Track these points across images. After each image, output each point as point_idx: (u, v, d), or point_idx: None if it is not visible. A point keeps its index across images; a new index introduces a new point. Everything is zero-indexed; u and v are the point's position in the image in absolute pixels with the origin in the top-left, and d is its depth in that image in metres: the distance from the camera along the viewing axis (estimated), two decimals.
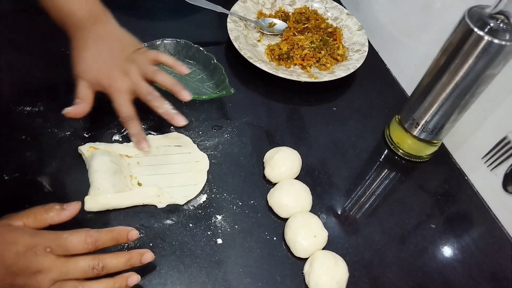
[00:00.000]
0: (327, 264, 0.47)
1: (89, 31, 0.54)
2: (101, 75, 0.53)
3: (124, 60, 0.55)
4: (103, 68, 0.54)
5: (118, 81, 0.53)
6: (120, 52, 0.55)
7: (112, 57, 0.54)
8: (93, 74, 0.53)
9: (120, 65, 0.54)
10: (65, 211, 0.42)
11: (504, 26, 0.47)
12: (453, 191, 0.62)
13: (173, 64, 0.58)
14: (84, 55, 0.54)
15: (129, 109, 0.54)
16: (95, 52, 0.54)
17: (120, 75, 0.54)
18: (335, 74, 0.71)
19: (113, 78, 0.53)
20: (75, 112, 0.52)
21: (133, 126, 0.54)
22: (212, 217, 0.52)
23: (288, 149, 0.58)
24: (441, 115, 0.57)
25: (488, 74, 0.51)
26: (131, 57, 0.55)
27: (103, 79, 0.53)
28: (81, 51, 0.54)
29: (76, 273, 0.39)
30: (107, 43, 0.55)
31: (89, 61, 0.53)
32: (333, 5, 0.84)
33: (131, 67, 0.54)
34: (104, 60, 0.54)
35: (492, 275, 0.54)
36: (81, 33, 0.54)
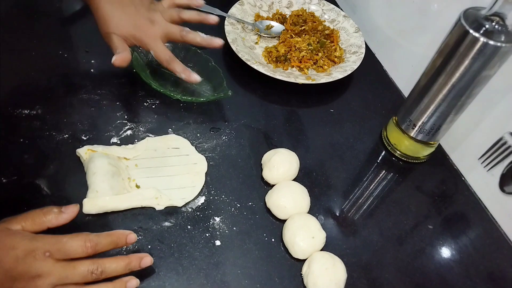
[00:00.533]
0: (325, 265, 0.48)
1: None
2: (131, 28, 0.58)
3: (147, 11, 0.60)
4: (131, 20, 0.58)
5: (149, 29, 0.59)
6: (140, 5, 0.60)
7: (136, 9, 0.59)
8: (124, 28, 0.58)
9: (145, 15, 0.59)
10: (63, 214, 0.42)
11: (499, 28, 0.48)
12: (450, 191, 0.62)
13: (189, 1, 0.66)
14: (110, 11, 0.57)
15: (168, 52, 0.60)
16: (119, 7, 0.58)
17: (149, 23, 0.59)
18: (332, 76, 0.71)
19: (144, 28, 0.59)
20: (121, 59, 0.56)
21: (177, 65, 0.60)
22: (210, 219, 0.52)
23: (286, 151, 0.59)
24: (437, 116, 0.57)
25: (484, 75, 0.51)
26: (151, 7, 0.61)
27: (135, 30, 0.58)
28: (107, 10, 0.57)
29: (75, 278, 0.39)
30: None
31: (116, 16, 0.57)
32: (330, 8, 0.84)
33: (156, 15, 0.60)
34: (130, 13, 0.58)
35: (489, 275, 0.54)
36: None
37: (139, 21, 0.59)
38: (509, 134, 0.56)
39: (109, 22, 0.57)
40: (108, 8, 0.57)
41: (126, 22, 0.58)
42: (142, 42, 0.60)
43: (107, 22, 0.57)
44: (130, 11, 0.58)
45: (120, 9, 0.58)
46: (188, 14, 0.64)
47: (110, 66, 0.58)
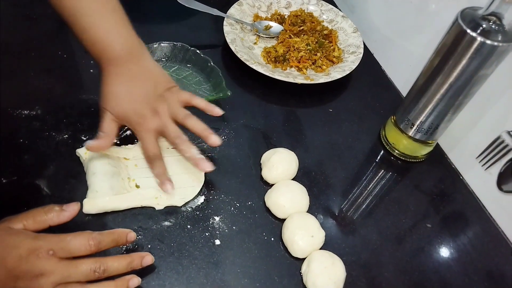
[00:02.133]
0: (324, 264, 0.48)
1: (124, 66, 0.52)
2: (130, 112, 0.51)
3: (155, 99, 0.52)
4: (134, 105, 0.51)
5: (147, 120, 0.51)
6: (152, 90, 0.53)
7: (144, 95, 0.52)
8: (123, 110, 0.51)
9: (151, 103, 0.52)
10: (64, 212, 0.42)
11: (496, 27, 0.48)
12: (448, 190, 0.63)
13: (206, 108, 0.55)
14: (116, 90, 0.51)
15: (156, 149, 0.52)
16: (127, 89, 0.52)
17: (150, 114, 0.52)
18: (331, 76, 0.72)
19: (143, 117, 0.51)
20: (98, 146, 0.51)
21: (158, 166, 0.52)
22: (210, 218, 0.53)
23: (285, 151, 0.59)
24: (435, 116, 0.58)
25: (481, 75, 0.51)
26: (163, 96, 0.53)
27: (132, 116, 0.51)
28: (113, 86, 0.51)
29: (78, 276, 0.39)
30: (140, 80, 0.53)
31: (120, 96, 0.51)
32: (329, 8, 0.84)
33: (162, 106, 0.52)
34: (135, 97, 0.52)
35: (487, 273, 0.54)
36: (115, 68, 0.51)
37: (141, 110, 0.51)
38: (506, 133, 0.56)
39: (108, 99, 0.51)
40: (114, 84, 0.51)
41: (126, 105, 0.51)
42: (134, 129, 0.53)
43: (107, 98, 0.51)
44: (137, 94, 0.52)
45: (126, 89, 0.52)
46: (193, 123, 0.53)
47: None
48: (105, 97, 0.51)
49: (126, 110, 0.51)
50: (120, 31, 0.52)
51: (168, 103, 0.53)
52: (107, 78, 0.52)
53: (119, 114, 0.51)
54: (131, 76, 0.52)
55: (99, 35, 0.51)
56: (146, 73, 0.53)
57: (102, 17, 0.51)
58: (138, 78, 0.52)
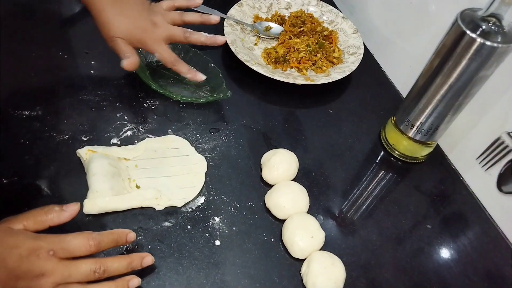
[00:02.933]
0: (324, 264, 0.48)
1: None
2: (135, 30, 0.57)
3: (148, 13, 0.59)
4: (134, 23, 0.58)
5: (152, 32, 0.58)
6: (141, 8, 0.59)
7: (138, 12, 0.58)
8: (128, 31, 0.57)
9: (148, 18, 0.59)
10: (64, 212, 0.42)
11: (495, 29, 0.48)
12: (449, 191, 0.63)
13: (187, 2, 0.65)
14: (112, 16, 0.57)
15: (172, 54, 0.60)
16: (121, 11, 0.57)
17: (151, 26, 0.58)
18: (331, 76, 0.72)
19: (146, 30, 0.58)
20: (131, 63, 0.57)
21: (182, 66, 0.60)
22: (210, 219, 0.53)
23: (285, 151, 0.59)
24: (435, 117, 0.58)
25: (481, 76, 0.51)
26: (152, 10, 0.60)
27: (138, 32, 0.58)
28: (108, 15, 0.56)
29: (78, 277, 0.40)
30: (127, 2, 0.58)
31: (119, 20, 0.57)
32: (329, 9, 0.84)
33: (157, 17, 0.60)
34: (132, 16, 0.58)
35: (487, 274, 0.54)
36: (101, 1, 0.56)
37: (142, 24, 0.58)
38: (506, 134, 0.57)
39: (112, 26, 0.57)
40: (111, 12, 0.57)
41: (129, 25, 0.58)
42: (146, 45, 0.59)
43: (110, 26, 0.57)
44: (132, 14, 0.58)
45: (122, 13, 0.57)
46: (190, 16, 0.64)
47: (110, 67, 0.58)
48: (107, 27, 0.57)
49: (130, 29, 0.57)
50: None
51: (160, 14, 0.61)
52: (100, 11, 0.57)
53: (126, 35, 0.57)
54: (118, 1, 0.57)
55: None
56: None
57: None
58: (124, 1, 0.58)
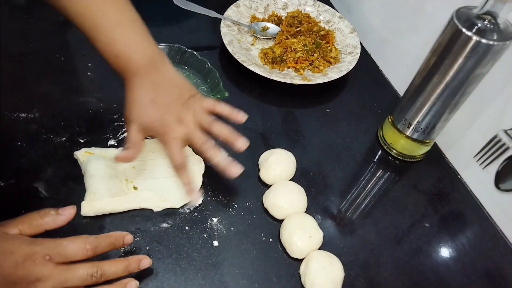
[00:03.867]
0: (322, 264, 0.48)
1: (147, 76, 0.51)
2: (156, 121, 0.51)
3: (180, 107, 0.52)
4: (159, 114, 0.51)
5: (173, 129, 0.51)
6: (176, 99, 0.52)
7: (169, 104, 0.52)
8: (148, 120, 0.51)
9: (176, 112, 0.52)
10: (60, 216, 0.42)
11: (491, 26, 0.48)
12: (446, 190, 0.63)
13: (230, 114, 0.54)
14: (140, 99, 0.51)
15: (182, 158, 0.51)
16: (151, 98, 0.51)
17: (175, 122, 0.51)
18: (328, 76, 0.72)
19: (168, 126, 0.51)
20: (126, 157, 0.51)
21: (185, 175, 0.51)
22: (208, 219, 0.53)
23: (283, 151, 0.59)
24: (432, 115, 0.58)
25: (477, 74, 0.51)
26: (187, 104, 0.53)
27: (158, 126, 0.51)
28: (137, 96, 0.51)
29: (75, 281, 0.39)
30: (164, 89, 0.52)
31: (144, 106, 0.51)
32: (325, 9, 0.85)
33: (187, 114, 0.52)
34: (160, 106, 0.51)
35: (486, 272, 0.54)
36: (138, 78, 0.51)
37: (167, 118, 0.51)
38: (503, 131, 0.57)
39: (133, 109, 0.51)
40: (138, 94, 0.51)
41: (151, 114, 0.51)
42: (160, 139, 0.52)
43: (131, 108, 0.51)
44: (162, 103, 0.51)
45: (150, 99, 0.51)
46: (219, 129, 0.53)
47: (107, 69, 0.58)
48: (129, 107, 0.51)
49: (151, 120, 0.51)
50: (141, 42, 0.52)
51: (193, 111, 0.53)
52: (131, 88, 0.51)
53: (144, 123, 0.51)
54: (154, 85, 0.51)
55: (122, 47, 0.50)
56: (169, 82, 0.53)
57: (124, 29, 0.50)
58: (162, 87, 0.52)
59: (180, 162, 0.51)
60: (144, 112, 0.51)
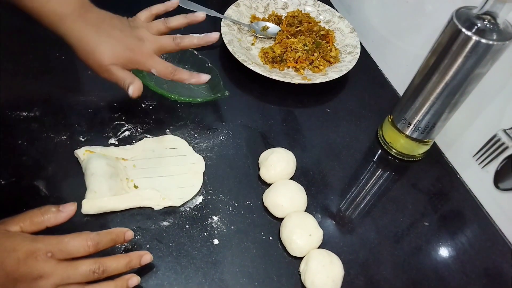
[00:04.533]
0: (322, 262, 0.48)
1: (87, 18, 0.52)
2: (124, 52, 0.53)
3: (132, 29, 0.55)
4: (122, 44, 0.53)
5: (142, 48, 0.54)
6: (121, 24, 0.55)
7: (120, 31, 0.54)
8: (118, 54, 0.53)
9: (131, 34, 0.55)
10: (61, 212, 0.42)
11: (491, 26, 0.49)
12: (446, 189, 0.63)
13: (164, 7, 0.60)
14: (97, 42, 0.52)
15: (168, 65, 0.56)
16: (106, 35, 0.53)
17: (138, 42, 0.54)
18: (328, 76, 0.72)
19: (136, 48, 0.54)
20: (138, 89, 0.53)
21: (182, 73, 0.56)
22: (209, 218, 0.53)
23: (283, 150, 0.59)
24: (432, 114, 0.58)
25: (476, 73, 0.52)
26: (133, 24, 0.56)
27: (129, 53, 0.54)
28: (91, 40, 0.52)
29: (77, 277, 0.40)
30: (108, 22, 0.54)
31: (105, 45, 0.52)
32: (325, 8, 0.85)
33: (141, 31, 0.56)
34: (116, 37, 0.53)
35: (485, 271, 0.54)
36: (81, 23, 0.52)
37: (129, 42, 0.54)
38: (502, 131, 0.57)
39: (100, 54, 0.52)
40: (94, 38, 0.51)
41: (117, 48, 0.53)
42: (139, 64, 0.55)
43: (98, 54, 0.52)
44: (116, 35, 0.53)
45: (107, 36, 0.52)
46: (175, 20, 0.59)
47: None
48: (97, 55, 0.52)
49: (119, 52, 0.53)
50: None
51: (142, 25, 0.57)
52: (80, 39, 0.52)
53: (119, 59, 0.53)
54: (97, 23, 0.53)
55: None
56: (106, 16, 0.55)
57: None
58: (105, 23, 0.54)
59: (170, 68, 0.56)
60: (108, 50, 0.52)
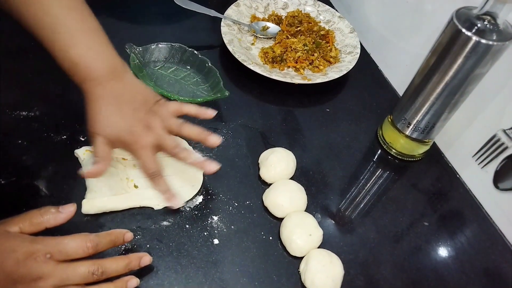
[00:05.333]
0: (322, 262, 0.48)
1: (108, 86, 0.49)
2: (123, 132, 0.48)
3: (146, 114, 0.50)
4: (125, 124, 0.49)
5: (141, 137, 0.49)
6: (141, 107, 0.50)
7: (133, 112, 0.49)
8: (115, 131, 0.48)
9: (143, 119, 0.49)
10: (60, 213, 0.42)
11: (490, 27, 0.49)
12: (446, 189, 0.63)
13: (197, 112, 0.53)
14: (104, 111, 0.48)
15: (155, 165, 0.49)
16: (115, 108, 0.49)
17: (143, 130, 0.49)
18: (328, 76, 0.72)
19: (136, 134, 0.49)
20: (95, 173, 0.48)
21: (161, 183, 0.49)
22: (209, 218, 0.53)
23: (283, 150, 0.59)
24: (432, 115, 0.58)
25: (476, 74, 0.52)
26: (153, 110, 0.51)
27: (126, 135, 0.49)
28: (100, 107, 0.48)
29: (76, 279, 0.39)
30: (127, 98, 0.50)
31: (109, 117, 0.48)
32: (325, 8, 0.85)
33: (154, 120, 0.50)
34: (125, 115, 0.49)
35: (484, 270, 0.54)
36: (99, 88, 0.49)
37: (134, 126, 0.49)
38: (502, 131, 0.57)
39: (97, 122, 0.48)
40: (101, 105, 0.48)
41: (117, 125, 0.48)
42: (130, 149, 0.50)
43: (94, 121, 0.48)
44: (126, 112, 0.49)
45: (114, 109, 0.49)
46: (189, 130, 0.52)
47: None
48: (93, 120, 0.48)
49: (118, 130, 0.49)
50: (102, 50, 0.49)
51: (159, 116, 0.51)
52: (93, 100, 0.49)
53: (111, 135, 0.48)
54: (117, 95, 0.49)
55: (81, 54, 0.48)
56: (132, 90, 0.51)
57: (84, 36, 0.48)
58: (125, 96, 0.50)
59: (154, 170, 0.49)
60: (109, 123, 0.48)
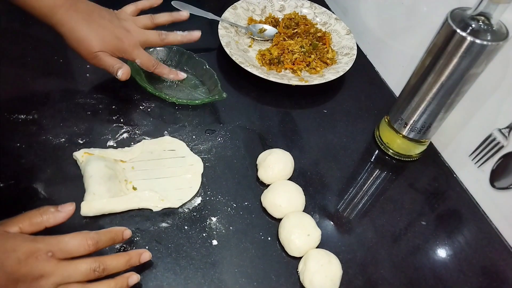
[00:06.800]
0: (320, 262, 0.48)
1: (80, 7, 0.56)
2: (113, 40, 0.57)
3: (119, 20, 0.59)
4: (110, 34, 0.57)
5: (128, 39, 0.58)
6: (111, 17, 0.59)
7: (109, 22, 0.58)
8: (107, 42, 0.57)
9: (119, 25, 0.59)
10: (60, 213, 0.42)
11: (485, 27, 0.49)
12: (443, 188, 0.64)
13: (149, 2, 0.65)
14: (88, 31, 0.56)
15: (151, 58, 0.61)
16: (97, 24, 0.56)
17: (125, 33, 0.59)
18: (325, 77, 0.72)
19: (123, 38, 0.58)
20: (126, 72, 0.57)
21: (163, 68, 0.62)
22: (207, 219, 0.53)
23: (281, 151, 0.59)
24: (428, 115, 0.59)
25: (471, 73, 0.52)
26: (119, 17, 0.60)
27: (116, 42, 0.57)
28: (82, 29, 0.55)
29: (77, 276, 0.40)
30: (97, 13, 0.58)
31: (96, 33, 0.56)
32: (322, 11, 0.85)
33: (128, 23, 0.60)
34: (106, 26, 0.57)
35: (482, 269, 0.55)
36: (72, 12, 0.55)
37: (117, 32, 0.58)
38: (498, 130, 0.57)
39: (91, 42, 0.56)
40: (85, 27, 0.56)
41: (106, 36, 0.57)
42: (125, 53, 0.59)
43: (89, 42, 0.56)
44: (106, 25, 0.57)
45: (97, 25, 0.57)
46: (161, 17, 0.64)
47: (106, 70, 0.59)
48: (86, 43, 0.56)
49: (108, 40, 0.57)
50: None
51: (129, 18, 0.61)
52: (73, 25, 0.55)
53: (108, 47, 0.57)
54: (89, 12, 0.57)
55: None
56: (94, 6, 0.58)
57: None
58: (95, 12, 0.57)
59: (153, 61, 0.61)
60: (100, 38, 0.56)
